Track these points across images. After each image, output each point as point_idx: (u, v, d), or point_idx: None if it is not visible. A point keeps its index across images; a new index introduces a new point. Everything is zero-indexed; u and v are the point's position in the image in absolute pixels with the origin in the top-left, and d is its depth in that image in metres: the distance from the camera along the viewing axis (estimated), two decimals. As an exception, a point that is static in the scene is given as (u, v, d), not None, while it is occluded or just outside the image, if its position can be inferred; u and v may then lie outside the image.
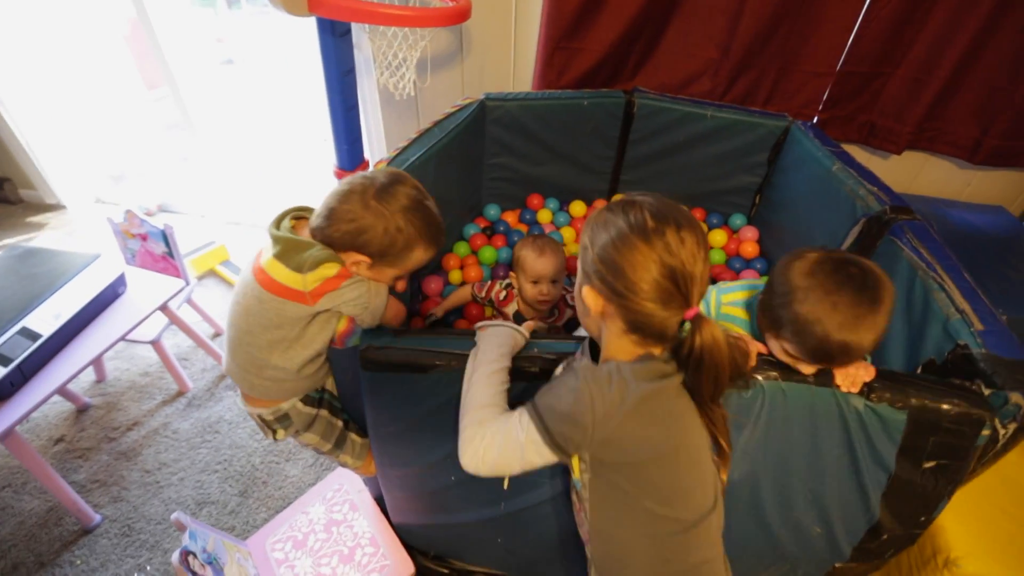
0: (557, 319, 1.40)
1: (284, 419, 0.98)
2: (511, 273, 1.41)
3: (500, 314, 1.44)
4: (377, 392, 0.90)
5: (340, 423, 1.06)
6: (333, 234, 0.83)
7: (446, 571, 1.25)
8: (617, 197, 1.43)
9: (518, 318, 1.40)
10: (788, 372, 0.78)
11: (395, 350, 0.83)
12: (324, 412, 1.02)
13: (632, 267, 0.61)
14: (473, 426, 0.67)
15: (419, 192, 0.87)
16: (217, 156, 2.73)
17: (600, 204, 1.87)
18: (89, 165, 2.76)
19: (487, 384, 0.72)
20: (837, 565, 0.97)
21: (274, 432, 1.00)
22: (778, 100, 1.76)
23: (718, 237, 1.75)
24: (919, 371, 1.00)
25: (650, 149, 1.77)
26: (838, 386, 0.77)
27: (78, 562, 1.34)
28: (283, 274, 0.83)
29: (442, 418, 0.86)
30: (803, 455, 0.83)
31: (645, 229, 0.61)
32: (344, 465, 1.11)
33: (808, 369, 0.77)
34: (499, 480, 0.90)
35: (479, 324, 0.82)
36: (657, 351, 0.67)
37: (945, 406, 0.75)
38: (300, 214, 0.92)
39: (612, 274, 0.62)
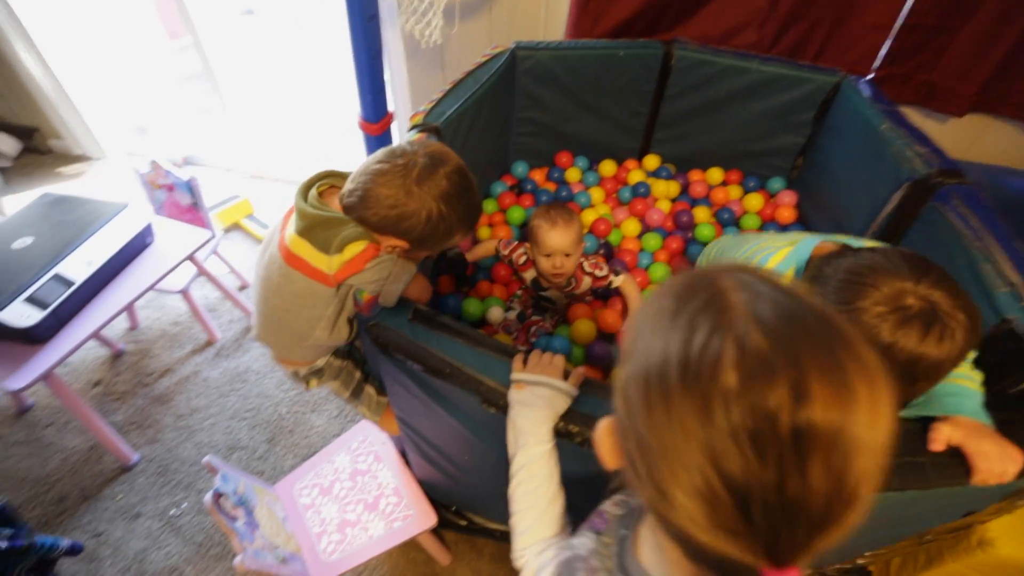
0: (575, 287, 1.36)
1: (318, 372, 1.01)
2: (525, 244, 1.35)
3: (519, 278, 1.41)
4: (387, 366, 0.88)
5: (359, 374, 1.08)
6: (371, 217, 0.79)
7: (464, 523, 1.28)
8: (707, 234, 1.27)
9: (536, 285, 1.37)
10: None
11: (401, 336, 0.79)
12: (348, 363, 1.05)
13: (664, 449, 0.31)
14: (523, 553, 0.61)
15: (462, 173, 0.81)
16: (240, 108, 2.70)
17: (631, 164, 1.80)
18: (115, 116, 2.77)
19: (532, 493, 0.63)
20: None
21: (307, 382, 1.03)
22: (829, 55, 1.64)
23: (754, 201, 1.67)
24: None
25: (687, 105, 1.67)
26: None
27: (119, 497, 1.41)
28: (308, 252, 0.80)
29: (449, 408, 0.84)
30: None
31: (715, 382, 0.29)
32: (364, 416, 1.14)
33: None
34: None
35: (515, 377, 0.71)
36: None
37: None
38: (329, 182, 0.86)
39: (637, 445, 0.33)
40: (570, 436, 0.70)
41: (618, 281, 1.33)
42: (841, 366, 0.29)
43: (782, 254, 0.94)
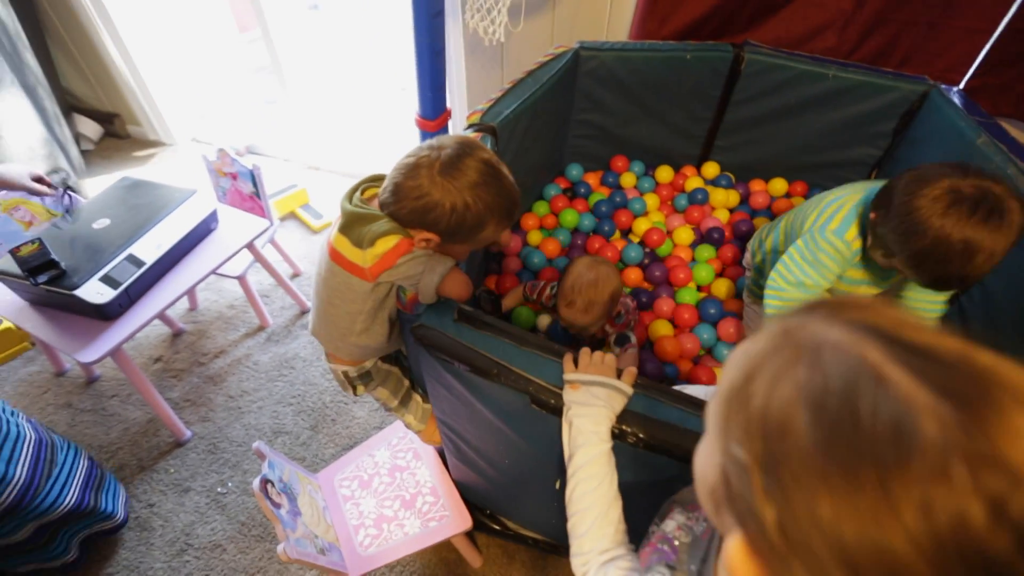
0: (598, 332, 1.29)
1: (366, 376, 1.01)
2: (552, 283, 1.32)
3: (548, 311, 1.38)
4: (429, 367, 0.88)
5: (407, 382, 1.09)
6: (400, 211, 0.80)
7: (498, 528, 1.27)
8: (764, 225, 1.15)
9: (557, 324, 1.33)
10: None
11: (446, 337, 0.79)
12: (396, 369, 1.05)
13: (822, 550, 0.25)
14: (586, 559, 0.59)
15: (490, 164, 0.79)
16: (302, 100, 2.78)
17: (689, 171, 1.74)
18: (187, 105, 2.91)
19: (592, 493, 0.61)
20: None
21: (354, 388, 1.04)
22: (917, 62, 1.52)
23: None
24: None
25: (754, 112, 1.59)
26: None
27: (171, 470, 1.48)
28: (346, 247, 0.82)
29: (494, 409, 0.83)
30: None
31: (894, 461, 0.24)
32: (409, 427, 1.14)
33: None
34: (553, 472, 0.86)
35: (569, 378, 0.70)
36: None
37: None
38: (373, 185, 0.88)
39: (785, 543, 0.27)
40: (624, 437, 0.68)
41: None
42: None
43: (852, 200, 0.98)
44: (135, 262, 1.32)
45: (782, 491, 0.26)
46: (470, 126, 1.18)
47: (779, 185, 1.68)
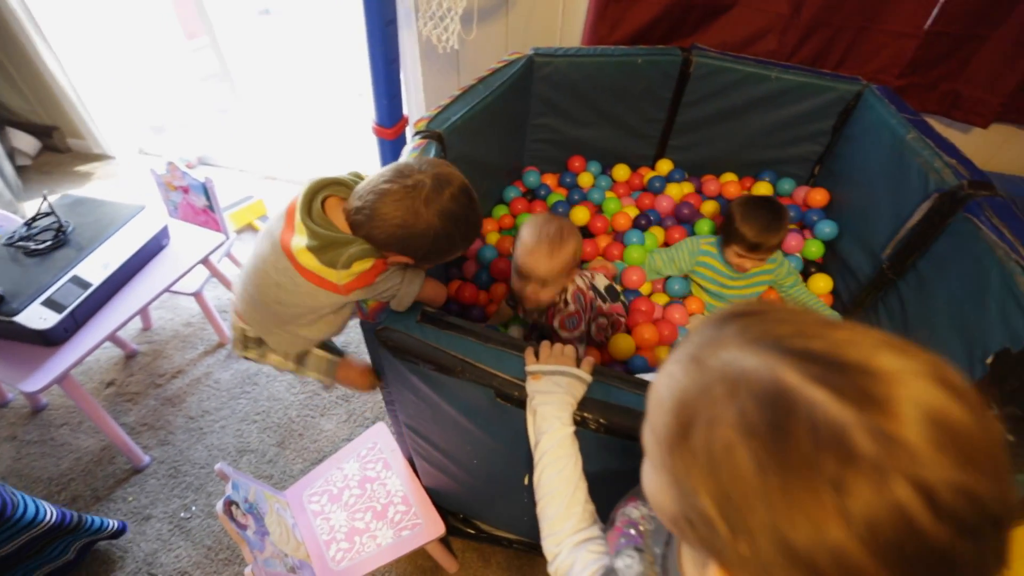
0: (547, 319, 1.19)
1: (262, 343, 0.99)
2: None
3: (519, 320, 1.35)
4: (394, 371, 0.88)
5: None
6: (377, 235, 0.80)
7: (473, 532, 1.28)
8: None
9: (511, 299, 1.27)
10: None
11: (411, 338, 0.80)
12: None
13: (802, 553, 0.27)
14: (557, 541, 0.60)
15: (466, 192, 0.82)
16: (255, 109, 2.72)
17: (645, 172, 1.79)
18: (132, 115, 2.80)
19: (558, 475, 0.64)
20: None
21: (245, 347, 1.01)
22: (851, 63, 1.61)
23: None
24: (990, 361, 0.93)
25: (704, 113, 1.65)
26: None
27: (130, 499, 1.42)
28: (316, 266, 0.81)
29: (460, 408, 0.84)
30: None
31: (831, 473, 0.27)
32: (320, 382, 1.12)
33: (749, 263, 1.30)
34: (521, 468, 0.87)
35: (531, 369, 0.73)
36: None
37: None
38: (331, 192, 0.86)
39: (765, 559, 0.29)
40: (586, 423, 0.71)
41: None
42: None
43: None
44: (80, 284, 1.26)
45: (746, 527, 0.29)
46: (416, 133, 1.18)
47: (730, 178, 1.75)
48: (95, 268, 1.30)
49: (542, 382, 0.71)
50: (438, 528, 1.13)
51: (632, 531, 0.53)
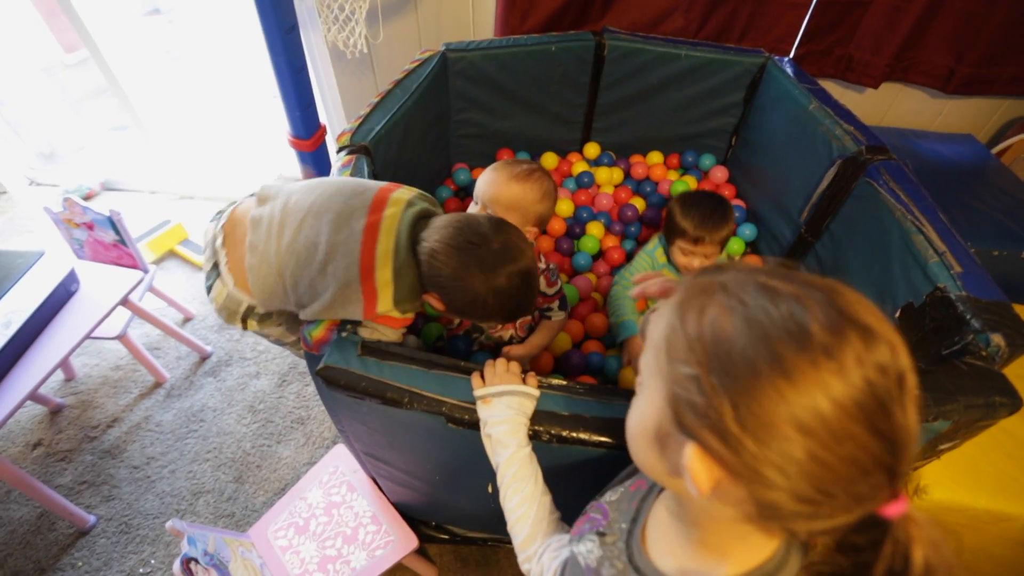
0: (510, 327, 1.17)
1: (267, 316, 0.97)
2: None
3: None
4: (342, 406, 0.86)
5: None
6: (427, 272, 0.83)
7: (447, 537, 1.30)
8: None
9: None
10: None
11: (351, 374, 0.77)
12: None
13: (776, 420, 0.31)
14: (524, 567, 0.64)
15: (524, 277, 0.84)
16: (156, 123, 2.51)
17: (574, 157, 1.81)
18: (13, 142, 2.52)
19: (520, 498, 0.66)
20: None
21: (245, 323, 0.98)
22: (753, 35, 1.68)
23: (691, 182, 1.71)
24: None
25: (622, 94, 1.68)
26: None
27: (79, 564, 1.33)
28: (385, 294, 0.82)
29: (414, 434, 0.84)
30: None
31: (807, 339, 0.31)
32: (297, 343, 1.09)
33: (697, 260, 1.27)
34: (483, 479, 0.88)
35: (479, 394, 0.73)
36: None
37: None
38: (432, 211, 0.90)
39: (740, 426, 0.32)
40: (539, 436, 0.73)
41: (557, 316, 1.15)
42: (879, 316, 0.34)
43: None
44: (-19, 349, 1.15)
45: (733, 383, 0.32)
46: (340, 149, 1.14)
47: (656, 157, 1.80)
48: (-4, 329, 1.19)
49: (493, 406, 0.71)
50: (411, 542, 1.14)
51: (597, 515, 0.55)
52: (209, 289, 0.96)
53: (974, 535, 1.12)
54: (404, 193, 0.89)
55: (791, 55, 1.72)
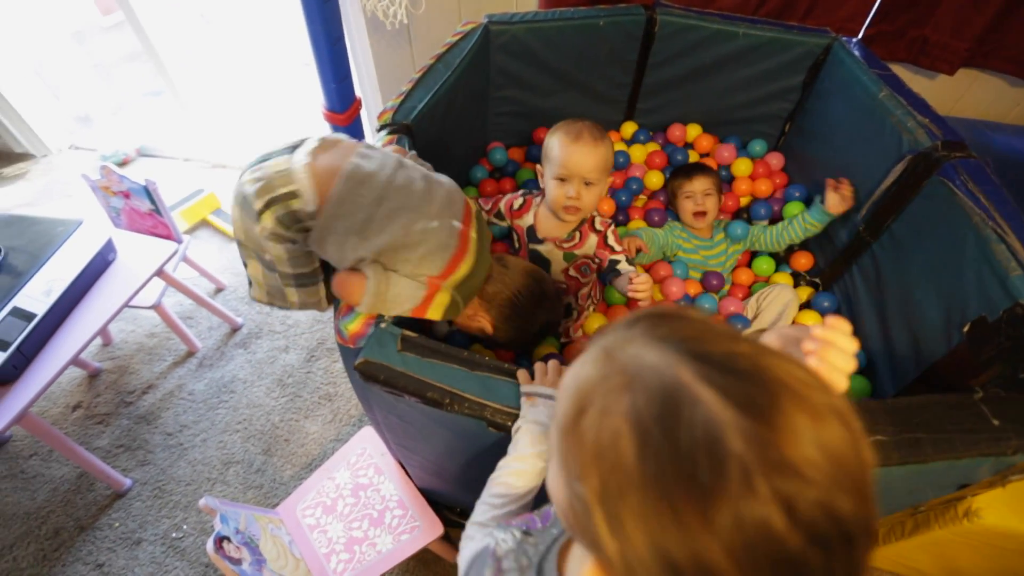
0: (577, 243, 1.13)
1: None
2: (538, 167, 1.15)
3: (512, 229, 1.25)
4: (378, 399, 0.84)
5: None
6: (490, 291, 0.96)
7: (472, 522, 1.29)
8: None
9: (531, 235, 1.20)
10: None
11: (391, 369, 0.75)
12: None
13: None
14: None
15: (551, 325, 1.06)
16: (191, 89, 2.50)
17: (613, 137, 1.73)
18: (55, 106, 2.54)
19: (508, 491, 0.67)
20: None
21: (266, 208, 0.87)
22: (819, 12, 1.55)
23: (742, 167, 1.61)
24: (966, 329, 0.95)
25: (671, 73, 1.58)
26: None
27: (116, 524, 1.38)
28: (469, 259, 0.89)
29: (452, 433, 0.82)
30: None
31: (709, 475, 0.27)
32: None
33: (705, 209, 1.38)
34: None
35: (526, 390, 0.70)
36: None
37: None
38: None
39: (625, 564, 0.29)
40: None
41: (627, 268, 1.12)
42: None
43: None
44: (23, 316, 1.17)
45: (620, 524, 0.28)
46: (382, 127, 1.10)
47: (695, 130, 1.69)
48: (37, 296, 1.21)
49: (536, 405, 0.69)
50: (437, 529, 1.14)
51: (538, 518, 0.54)
52: (265, 159, 0.87)
53: (1022, 561, 1.07)
54: (474, 205, 0.98)
55: (860, 36, 1.58)
